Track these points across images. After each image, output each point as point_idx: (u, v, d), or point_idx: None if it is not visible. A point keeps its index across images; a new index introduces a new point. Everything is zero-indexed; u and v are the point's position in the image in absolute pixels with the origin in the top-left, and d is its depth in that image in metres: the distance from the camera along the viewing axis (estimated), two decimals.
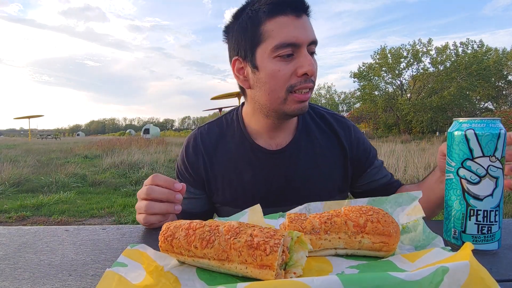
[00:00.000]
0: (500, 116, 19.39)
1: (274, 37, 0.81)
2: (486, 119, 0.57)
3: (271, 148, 0.97)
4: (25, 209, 4.56)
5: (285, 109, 0.87)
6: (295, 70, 0.83)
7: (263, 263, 0.44)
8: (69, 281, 0.51)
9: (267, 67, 0.83)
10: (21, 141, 26.41)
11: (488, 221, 0.57)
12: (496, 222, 0.57)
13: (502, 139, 0.56)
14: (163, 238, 0.53)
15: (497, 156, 0.56)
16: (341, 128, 1.03)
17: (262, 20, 0.83)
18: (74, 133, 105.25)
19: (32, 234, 0.75)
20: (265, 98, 0.87)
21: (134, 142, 15.27)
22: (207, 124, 1.07)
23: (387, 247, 0.52)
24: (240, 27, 0.87)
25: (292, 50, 0.82)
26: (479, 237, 0.57)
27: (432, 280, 0.35)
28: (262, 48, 0.84)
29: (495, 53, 29.87)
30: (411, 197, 0.66)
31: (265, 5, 0.83)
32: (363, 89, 31.94)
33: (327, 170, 0.99)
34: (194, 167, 1.00)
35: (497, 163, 0.56)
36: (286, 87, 0.84)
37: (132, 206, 4.77)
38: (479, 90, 28.97)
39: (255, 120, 0.97)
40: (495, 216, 0.57)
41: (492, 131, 0.56)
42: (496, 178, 0.56)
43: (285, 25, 0.81)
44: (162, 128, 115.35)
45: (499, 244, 0.58)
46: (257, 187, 0.97)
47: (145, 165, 7.94)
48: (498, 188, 0.56)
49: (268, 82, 0.85)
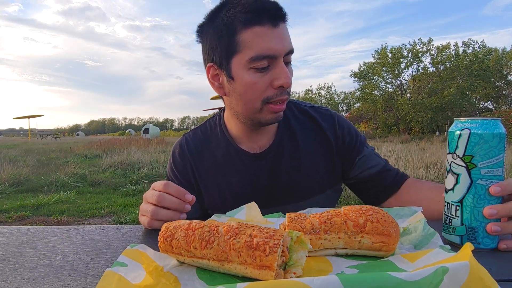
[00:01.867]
0: (500, 116, 19.36)
1: (250, 48, 0.79)
2: (462, 119, 0.60)
3: (254, 151, 0.97)
4: (25, 209, 4.56)
5: (260, 118, 0.87)
6: (271, 82, 0.82)
7: (262, 264, 0.44)
8: (69, 281, 0.51)
9: (243, 78, 0.82)
10: (21, 141, 26.40)
11: (449, 213, 0.61)
12: (457, 217, 0.59)
13: (464, 139, 0.58)
14: (163, 239, 0.53)
15: (458, 154, 0.58)
16: (324, 120, 1.01)
17: (238, 29, 0.80)
18: (74, 133, 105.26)
19: (32, 234, 0.75)
20: (241, 107, 0.87)
21: (134, 142, 15.26)
22: (192, 130, 1.08)
23: (387, 247, 0.52)
24: (215, 32, 0.84)
25: (268, 62, 0.80)
26: (444, 226, 0.63)
27: (432, 280, 0.35)
28: (237, 58, 0.81)
29: (495, 53, 29.87)
30: (412, 211, 0.66)
31: (241, 13, 0.80)
32: (363, 89, 31.94)
33: (312, 167, 0.98)
34: (183, 173, 1.01)
35: (458, 161, 0.59)
36: (261, 98, 0.83)
37: (132, 206, 4.77)
38: (479, 90, 28.98)
39: (234, 125, 0.97)
40: (455, 211, 0.59)
41: (454, 129, 0.60)
42: (456, 175, 0.59)
43: (261, 36, 0.79)
44: (162, 128, 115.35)
45: (463, 241, 0.59)
46: (245, 190, 0.97)
47: (145, 165, 7.94)
48: (459, 185, 0.59)
49: (244, 93, 0.84)
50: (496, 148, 0.56)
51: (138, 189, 5.89)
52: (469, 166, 0.57)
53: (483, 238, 0.58)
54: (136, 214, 4.21)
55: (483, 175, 0.57)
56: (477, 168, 0.57)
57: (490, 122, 0.57)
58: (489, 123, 0.57)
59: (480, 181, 0.57)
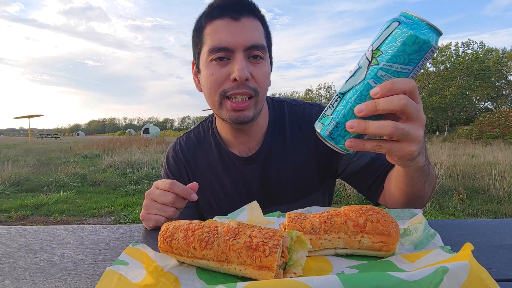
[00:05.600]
0: (500, 116, 19.30)
1: (209, 40, 0.82)
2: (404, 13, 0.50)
3: (245, 155, 0.97)
4: (25, 209, 4.56)
5: (223, 115, 0.86)
6: (228, 74, 0.81)
7: (262, 264, 0.44)
8: (69, 280, 0.51)
9: (205, 70, 0.84)
10: (21, 141, 26.40)
11: (330, 102, 0.55)
12: (331, 107, 0.54)
13: (388, 31, 0.49)
14: (162, 239, 0.53)
15: (373, 45, 0.50)
16: (313, 116, 0.99)
17: (203, 24, 0.84)
18: (74, 133, 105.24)
19: (32, 233, 0.75)
20: (207, 101, 0.89)
21: (134, 141, 15.26)
22: (185, 134, 1.09)
23: (387, 247, 0.52)
24: (193, 31, 0.89)
25: (225, 54, 0.81)
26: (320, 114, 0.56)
27: (431, 280, 0.35)
28: (202, 52, 0.85)
29: (495, 53, 29.86)
30: (412, 213, 0.66)
31: (208, 9, 0.84)
32: None
33: (302, 167, 0.97)
34: (177, 177, 1.02)
35: (368, 53, 0.51)
36: (219, 91, 0.83)
37: (132, 205, 4.77)
38: (479, 90, 28.97)
39: (222, 127, 0.98)
40: (335, 101, 0.54)
41: (390, 21, 0.50)
42: (358, 67, 0.52)
43: (219, 28, 0.81)
44: (162, 128, 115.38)
45: (323, 131, 0.54)
46: (238, 193, 0.98)
47: (145, 165, 7.94)
48: (353, 78, 0.52)
49: (205, 85, 0.86)
50: (409, 56, 0.48)
51: (138, 188, 5.90)
52: (372, 62, 0.50)
53: (338, 136, 0.54)
54: (136, 213, 4.21)
55: (378, 76, 0.50)
56: (377, 67, 0.50)
57: (421, 24, 0.48)
58: (420, 25, 0.48)
59: (371, 81, 0.50)
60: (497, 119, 18.77)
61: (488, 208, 4.35)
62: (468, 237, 0.66)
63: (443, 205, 4.44)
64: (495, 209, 4.32)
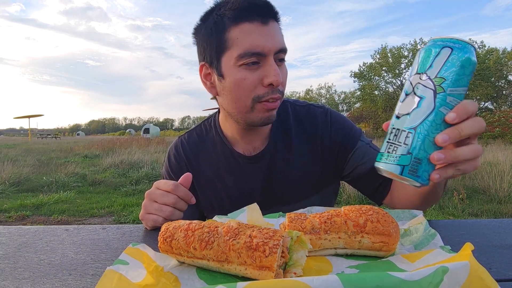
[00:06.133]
0: (500, 116, 19.30)
1: (239, 45, 0.79)
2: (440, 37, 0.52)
3: (249, 154, 0.97)
4: (25, 209, 4.57)
5: (253, 118, 0.85)
6: (261, 79, 0.80)
7: (262, 265, 0.44)
8: (69, 280, 0.51)
9: (232, 75, 0.81)
10: (21, 141, 26.41)
11: (396, 140, 0.53)
12: (405, 145, 0.52)
13: (442, 57, 0.50)
14: (162, 239, 0.53)
15: (429, 74, 0.51)
16: (318, 117, 0.99)
17: (227, 26, 0.80)
18: (74, 133, 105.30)
19: (32, 233, 0.75)
20: (232, 106, 0.85)
21: (134, 141, 15.27)
22: (187, 132, 1.08)
23: (387, 247, 0.52)
24: (206, 31, 0.84)
25: (257, 58, 0.79)
26: (384, 155, 0.54)
27: (432, 280, 0.35)
28: (227, 55, 0.81)
29: (495, 53, 29.86)
30: (413, 214, 0.66)
31: (230, 11, 0.80)
32: (363, 89, 31.91)
33: (307, 167, 0.97)
34: (178, 176, 1.00)
35: (427, 82, 0.51)
36: (252, 97, 0.81)
37: (132, 205, 4.78)
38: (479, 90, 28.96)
39: (229, 126, 0.96)
40: (405, 138, 0.52)
41: (434, 47, 0.51)
42: (420, 98, 0.51)
43: (249, 33, 0.78)
44: (162, 128, 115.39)
45: (404, 172, 0.52)
46: (241, 192, 0.97)
47: (145, 165, 7.94)
48: (420, 109, 0.51)
49: (233, 91, 0.82)
50: (467, 77, 0.50)
51: (138, 188, 5.90)
52: (437, 90, 0.50)
53: (423, 171, 0.52)
54: (136, 213, 4.21)
55: (447, 102, 0.50)
56: (444, 94, 0.50)
57: (469, 46, 0.51)
58: (469, 48, 0.51)
59: (443, 109, 0.50)
60: (497, 119, 18.77)
61: (488, 208, 4.35)
62: (468, 237, 0.66)
63: (443, 205, 4.44)
64: (495, 209, 4.32)
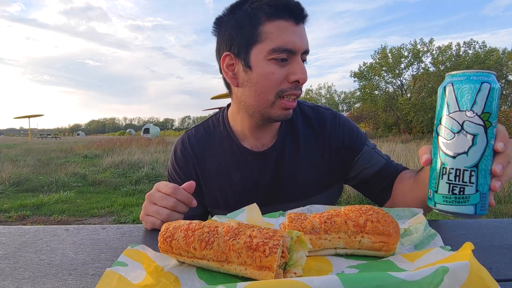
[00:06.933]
0: (500, 116, 19.30)
1: (272, 39, 0.82)
2: (470, 72, 0.53)
3: (257, 149, 0.97)
4: (25, 209, 4.57)
5: (271, 113, 0.87)
6: (287, 75, 0.83)
7: (262, 265, 0.44)
8: (69, 280, 0.51)
9: (261, 68, 0.83)
10: (21, 141, 26.41)
11: (460, 181, 0.53)
12: (471, 184, 0.52)
13: (484, 93, 0.51)
14: (162, 239, 0.53)
15: (476, 110, 0.52)
16: (326, 119, 1.01)
17: (262, 20, 0.83)
18: (74, 133, 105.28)
19: (32, 233, 0.75)
20: (253, 99, 0.87)
21: (134, 141, 15.26)
22: (194, 127, 1.08)
23: (387, 247, 0.52)
24: (236, 22, 0.86)
25: (287, 55, 0.82)
26: (450, 197, 0.54)
27: (432, 280, 0.35)
28: (258, 48, 0.83)
29: (496, 53, 29.85)
30: (413, 212, 0.66)
31: (266, 6, 0.83)
32: (363, 88, 31.89)
33: (313, 167, 0.98)
34: (185, 171, 1.01)
35: (475, 119, 0.52)
36: (276, 91, 0.84)
37: (132, 205, 4.78)
38: None
39: (240, 120, 0.97)
40: (470, 176, 0.52)
41: (472, 83, 0.52)
42: (473, 135, 0.52)
43: (284, 29, 0.82)
44: (162, 128, 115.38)
45: (477, 210, 0.53)
46: (247, 188, 0.97)
47: (145, 165, 7.94)
48: (476, 147, 0.52)
49: (259, 83, 0.84)
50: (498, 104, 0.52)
51: (138, 188, 5.89)
52: (486, 125, 0.51)
53: (486, 204, 0.53)
54: (136, 213, 4.21)
55: (494, 134, 0.52)
56: (492, 127, 0.51)
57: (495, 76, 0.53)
58: (495, 77, 0.53)
59: (492, 141, 0.52)
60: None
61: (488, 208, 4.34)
62: (468, 237, 0.66)
63: None
64: (495, 209, 4.32)
